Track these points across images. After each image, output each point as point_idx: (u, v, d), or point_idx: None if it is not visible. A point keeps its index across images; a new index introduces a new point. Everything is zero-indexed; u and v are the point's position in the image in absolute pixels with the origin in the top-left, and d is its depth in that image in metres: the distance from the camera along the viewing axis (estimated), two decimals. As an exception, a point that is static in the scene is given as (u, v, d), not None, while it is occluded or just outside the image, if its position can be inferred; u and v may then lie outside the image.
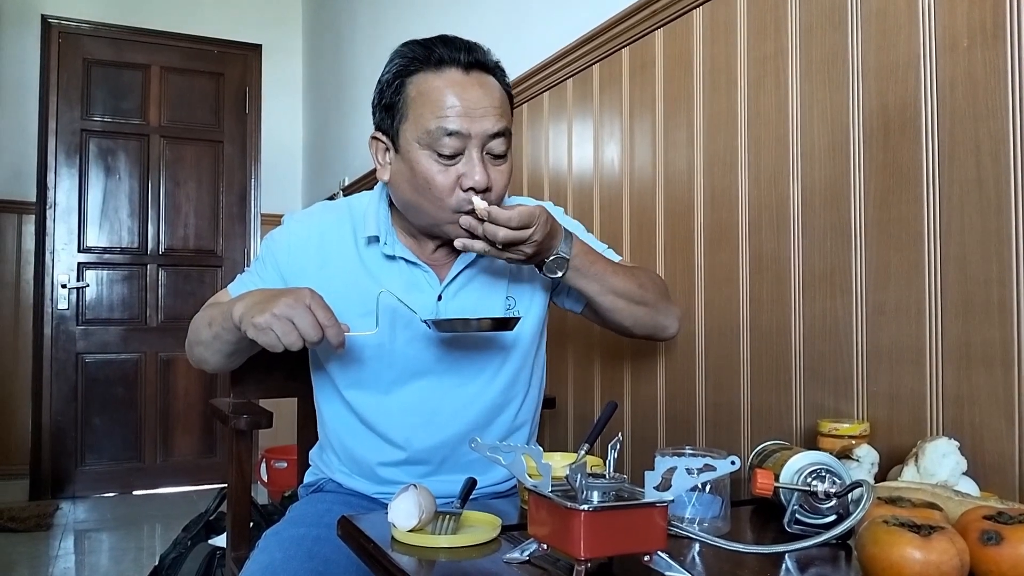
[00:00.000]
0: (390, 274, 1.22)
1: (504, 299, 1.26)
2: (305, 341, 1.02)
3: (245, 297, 1.09)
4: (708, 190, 1.49)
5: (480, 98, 1.11)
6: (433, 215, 1.15)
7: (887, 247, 1.14)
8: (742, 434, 1.40)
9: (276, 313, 1.00)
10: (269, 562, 1.04)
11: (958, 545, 0.67)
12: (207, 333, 1.18)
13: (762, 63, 1.37)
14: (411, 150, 1.12)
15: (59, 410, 4.09)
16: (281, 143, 4.63)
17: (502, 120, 1.13)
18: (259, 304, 1.03)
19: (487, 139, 1.11)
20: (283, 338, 1.01)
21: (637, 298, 1.23)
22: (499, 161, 1.14)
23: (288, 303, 1.01)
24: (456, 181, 1.11)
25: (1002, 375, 0.99)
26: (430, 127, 1.10)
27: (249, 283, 1.26)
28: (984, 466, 1.00)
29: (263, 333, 1.02)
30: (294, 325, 1.01)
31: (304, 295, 1.02)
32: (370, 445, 1.25)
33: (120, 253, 4.28)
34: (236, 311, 1.06)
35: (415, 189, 1.14)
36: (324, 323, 1.02)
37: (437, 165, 1.11)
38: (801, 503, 0.88)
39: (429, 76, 1.12)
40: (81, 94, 4.21)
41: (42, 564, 3.01)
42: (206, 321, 1.18)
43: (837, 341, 1.22)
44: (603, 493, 0.75)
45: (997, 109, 1.00)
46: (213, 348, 1.19)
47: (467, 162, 1.11)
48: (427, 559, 0.81)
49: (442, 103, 1.10)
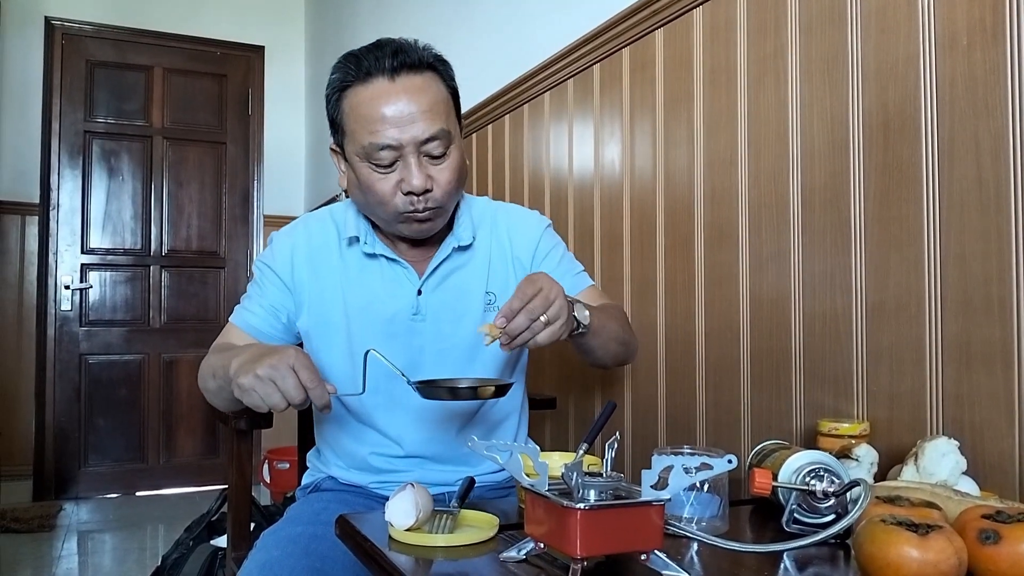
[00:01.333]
0: (371, 272, 1.26)
1: (484, 294, 1.28)
2: (289, 403, 0.99)
3: (241, 353, 1.08)
4: (708, 189, 1.49)
5: (406, 105, 1.13)
6: (382, 217, 1.20)
7: (887, 246, 1.14)
8: (742, 434, 1.40)
9: (259, 374, 0.98)
10: (267, 560, 1.04)
11: (956, 544, 0.67)
12: (212, 384, 1.18)
13: (762, 62, 1.37)
14: (354, 162, 1.17)
15: (62, 411, 4.10)
16: (284, 144, 4.64)
17: (434, 123, 1.14)
18: (247, 364, 1.01)
19: (420, 144, 1.14)
20: (266, 399, 0.99)
21: (621, 339, 1.26)
22: (439, 160, 1.16)
23: (271, 364, 0.98)
24: (396, 186, 1.15)
25: (1002, 374, 0.99)
26: (364, 143, 1.14)
27: (251, 307, 1.28)
28: (984, 465, 1.00)
29: (247, 395, 1.00)
30: (276, 387, 0.98)
31: (288, 356, 0.99)
32: (365, 439, 1.28)
33: (123, 254, 4.28)
34: (232, 367, 1.04)
35: (364, 195, 1.19)
36: (307, 385, 0.99)
37: (376, 174, 1.15)
38: (800, 502, 0.88)
39: (359, 90, 1.15)
40: (84, 96, 4.22)
41: (45, 565, 3.02)
42: (211, 371, 1.18)
43: (837, 340, 1.21)
44: (600, 492, 0.75)
45: (997, 107, 1.00)
46: (220, 397, 1.19)
47: (404, 168, 1.14)
48: (424, 558, 0.81)
49: (372, 116, 1.13)
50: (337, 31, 4.09)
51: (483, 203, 1.36)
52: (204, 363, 1.23)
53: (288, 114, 4.68)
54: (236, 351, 1.11)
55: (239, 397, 1.02)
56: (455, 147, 1.18)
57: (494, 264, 1.30)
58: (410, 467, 1.26)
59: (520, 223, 1.34)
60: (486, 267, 1.29)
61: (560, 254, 1.35)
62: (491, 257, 1.30)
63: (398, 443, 1.27)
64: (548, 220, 1.39)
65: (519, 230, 1.33)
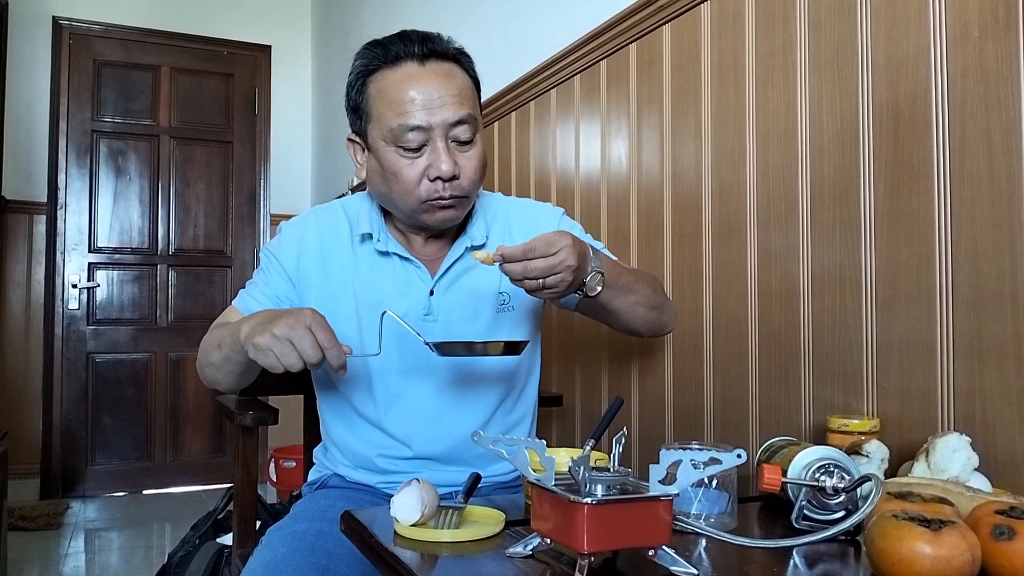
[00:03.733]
0: (383, 270, 1.25)
1: (497, 294, 1.27)
2: (305, 363, 0.99)
3: (251, 317, 1.08)
4: (716, 185, 1.48)
5: (437, 87, 1.12)
6: (405, 207, 1.18)
7: (897, 240, 1.13)
8: (750, 430, 1.39)
9: (276, 334, 0.98)
10: (272, 557, 1.04)
11: (969, 540, 0.66)
12: (217, 355, 1.16)
13: (770, 57, 1.36)
14: (379, 148, 1.15)
15: (70, 410, 4.11)
16: (290, 143, 4.65)
17: (463, 107, 1.14)
18: (261, 324, 1.01)
19: (449, 128, 1.13)
20: (282, 359, 0.99)
21: (652, 303, 1.24)
22: (466, 147, 1.15)
23: (288, 324, 0.99)
24: (423, 172, 1.13)
25: (1014, 369, 0.98)
26: (392, 125, 1.12)
27: (255, 293, 1.27)
28: (996, 462, 0.99)
29: (263, 354, 1.00)
30: (294, 346, 0.98)
31: (305, 316, 1.00)
32: (373, 441, 1.27)
33: (130, 253, 4.29)
34: (242, 331, 1.05)
35: (386, 183, 1.17)
36: (324, 345, 0.99)
37: (403, 159, 1.13)
38: (809, 498, 0.87)
39: (387, 73, 1.15)
40: (92, 95, 4.23)
41: (53, 562, 3.02)
42: (215, 343, 1.16)
43: (847, 336, 1.20)
44: (607, 486, 0.74)
45: (1008, 99, 0.99)
46: (224, 370, 1.18)
47: (432, 152, 1.13)
48: (430, 553, 0.80)
49: (401, 99, 1.12)
50: (344, 31, 4.09)
51: (496, 200, 1.35)
52: (206, 338, 1.21)
53: (295, 114, 4.68)
54: (243, 319, 1.10)
55: (254, 357, 1.01)
56: (480, 136, 1.18)
57: None
58: (418, 468, 1.25)
59: (534, 218, 1.33)
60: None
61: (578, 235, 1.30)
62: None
63: (407, 444, 1.25)
64: (561, 208, 1.38)
65: (534, 226, 1.31)
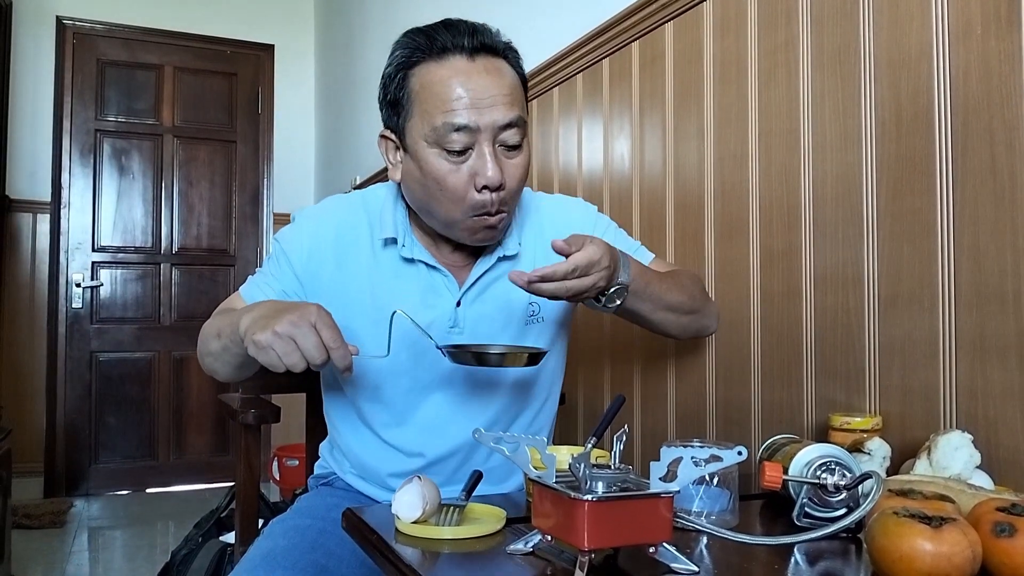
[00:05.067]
0: (408, 278, 1.16)
1: (527, 305, 1.19)
2: (308, 363, 0.93)
3: (253, 309, 1.01)
4: (718, 183, 1.48)
5: (488, 86, 1.03)
6: (446, 218, 1.08)
7: (899, 239, 1.12)
8: (753, 429, 1.39)
9: (278, 331, 0.91)
10: (271, 549, 1.03)
11: (970, 537, 0.65)
12: (216, 344, 1.09)
13: (772, 54, 1.36)
14: (419, 148, 1.05)
15: (73, 408, 4.12)
16: (294, 142, 4.65)
17: (513, 109, 1.05)
18: (263, 319, 0.94)
19: (498, 131, 1.04)
20: (284, 359, 0.92)
21: (687, 308, 1.19)
22: (513, 153, 1.07)
23: (292, 320, 0.91)
24: (469, 180, 1.04)
25: (1017, 367, 0.98)
26: (436, 123, 1.03)
27: (262, 284, 1.19)
28: (999, 460, 0.98)
29: (263, 352, 0.92)
30: (296, 345, 0.91)
31: (310, 312, 0.93)
32: (384, 456, 1.21)
33: (134, 252, 4.30)
34: (242, 324, 0.97)
35: (426, 190, 1.07)
36: (330, 344, 0.92)
37: (447, 164, 1.04)
38: (811, 496, 0.87)
39: (432, 67, 1.05)
40: (95, 94, 4.24)
41: (56, 561, 3.03)
42: (215, 331, 1.10)
43: (849, 334, 1.20)
44: (608, 483, 0.73)
45: (1011, 97, 0.99)
46: (222, 360, 1.12)
47: (478, 157, 1.03)
48: (431, 550, 0.80)
49: (447, 96, 1.02)
50: (347, 30, 4.09)
51: (526, 199, 1.25)
52: (206, 327, 1.14)
53: (298, 113, 4.68)
54: (245, 309, 1.04)
55: (253, 355, 0.94)
56: (528, 141, 1.09)
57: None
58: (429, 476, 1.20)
59: (566, 218, 1.25)
60: None
61: (613, 234, 1.27)
62: (536, 264, 1.18)
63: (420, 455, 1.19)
64: (594, 207, 1.31)
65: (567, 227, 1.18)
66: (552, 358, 1.26)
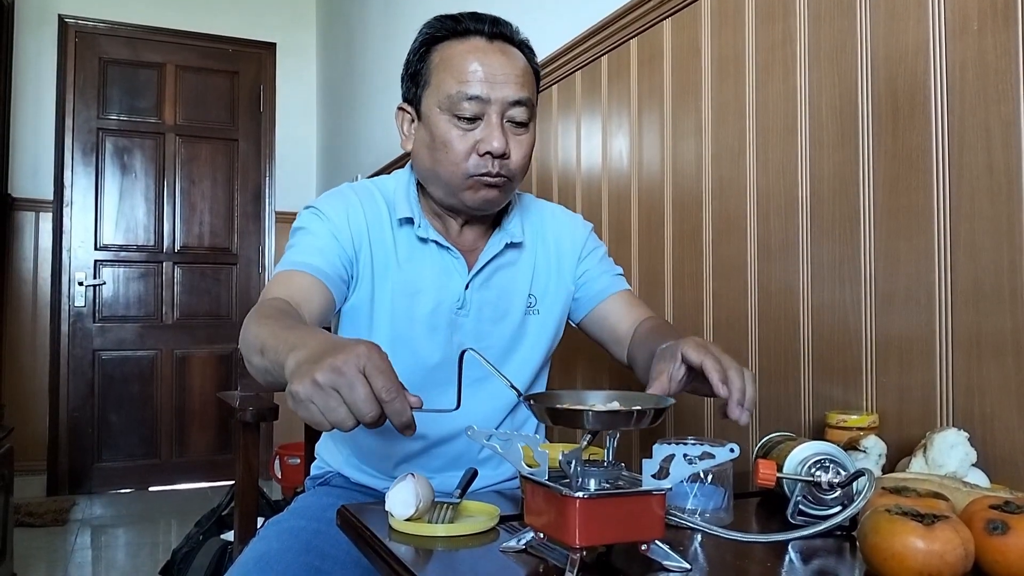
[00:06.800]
0: (422, 258, 1.20)
1: (526, 296, 1.25)
2: (358, 420, 0.73)
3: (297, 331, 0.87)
4: (716, 180, 1.48)
5: (502, 65, 1.12)
6: (449, 179, 1.14)
7: (896, 235, 1.12)
8: (750, 426, 1.38)
9: (319, 380, 0.72)
10: (265, 551, 1.03)
11: (963, 534, 0.65)
12: (258, 361, 0.92)
13: (770, 50, 1.35)
14: (432, 115, 1.13)
15: (76, 407, 4.13)
16: (295, 141, 4.65)
17: (523, 89, 1.12)
18: (304, 364, 0.76)
19: (507, 106, 1.11)
20: (328, 415, 0.73)
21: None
22: (520, 130, 1.13)
23: (335, 366, 0.72)
24: (473, 146, 1.11)
25: (1014, 365, 0.97)
26: (451, 91, 1.10)
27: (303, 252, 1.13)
28: (995, 458, 0.98)
29: (302, 407, 0.74)
30: (342, 398, 0.72)
31: (358, 354, 0.73)
32: (385, 439, 1.22)
33: (136, 251, 4.31)
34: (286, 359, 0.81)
35: (433, 154, 1.14)
36: (383, 396, 0.73)
37: (456, 129, 1.11)
38: (805, 493, 0.87)
39: (453, 43, 1.14)
40: (97, 93, 4.25)
41: (59, 559, 3.04)
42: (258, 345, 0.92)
43: (846, 331, 1.20)
44: (600, 480, 0.73)
45: (1008, 93, 0.98)
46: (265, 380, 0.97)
47: (486, 127, 1.11)
48: (424, 548, 0.80)
49: (464, 68, 1.11)
50: (348, 28, 4.09)
51: (529, 200, 1.33)
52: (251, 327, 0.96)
53: (299, 111, 4.69)
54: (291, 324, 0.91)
55: (293, 408, 0.76)
56: (534, 125, 1.16)
57: (539, 266, 1.27)
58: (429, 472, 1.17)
59: (566, 227, 1.32)
60: (531, 269, 1.26)
61: (601, 255, 1.33)
62: (536, 259, 1.27)
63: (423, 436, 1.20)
64: (591, 224, 1.36)
65: (566, 234, 1.31)
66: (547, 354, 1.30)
